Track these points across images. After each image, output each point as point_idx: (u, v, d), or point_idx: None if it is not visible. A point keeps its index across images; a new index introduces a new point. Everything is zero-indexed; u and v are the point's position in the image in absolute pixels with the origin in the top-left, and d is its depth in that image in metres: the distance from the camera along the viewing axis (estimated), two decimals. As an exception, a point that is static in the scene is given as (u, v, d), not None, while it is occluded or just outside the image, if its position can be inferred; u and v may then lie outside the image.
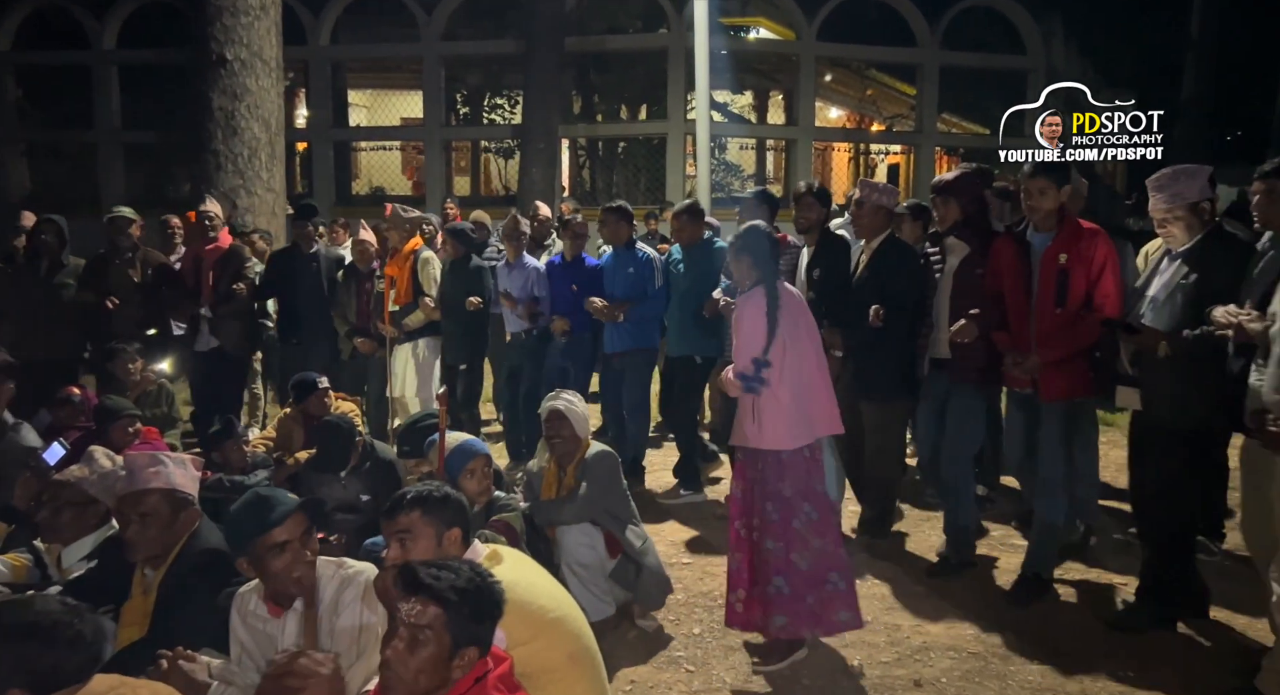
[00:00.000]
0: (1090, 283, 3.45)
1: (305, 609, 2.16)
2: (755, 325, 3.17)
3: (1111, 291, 3.45)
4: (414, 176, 16.82)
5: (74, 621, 1.74)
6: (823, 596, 3.20)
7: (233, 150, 8.09)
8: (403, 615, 1.78)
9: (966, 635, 3.48)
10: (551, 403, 3.57)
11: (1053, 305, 3.49)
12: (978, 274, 3.81)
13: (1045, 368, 3.50)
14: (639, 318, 5.26)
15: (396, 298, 5.63)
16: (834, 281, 4.38)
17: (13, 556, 2.88)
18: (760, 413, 3.17)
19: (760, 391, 3.16)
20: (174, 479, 2.61)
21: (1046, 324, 3.50)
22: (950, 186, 3.93)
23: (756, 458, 3.24)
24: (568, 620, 2.32)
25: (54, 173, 14.86)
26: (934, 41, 13.44)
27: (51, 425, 4.17)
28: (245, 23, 8.08)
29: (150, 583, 2.59)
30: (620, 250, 5.39)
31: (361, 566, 2.39)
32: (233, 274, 5.68)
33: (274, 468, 4.36)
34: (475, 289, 5.59)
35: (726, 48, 13.55)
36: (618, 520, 3.49)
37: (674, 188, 12.69)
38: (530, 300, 5.52)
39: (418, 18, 13.28)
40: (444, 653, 1.77)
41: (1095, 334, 3.47)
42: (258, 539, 2.25)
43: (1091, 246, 3.46)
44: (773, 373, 3.14)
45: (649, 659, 3.35)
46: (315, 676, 1.76)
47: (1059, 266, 3.48)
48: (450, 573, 1.83)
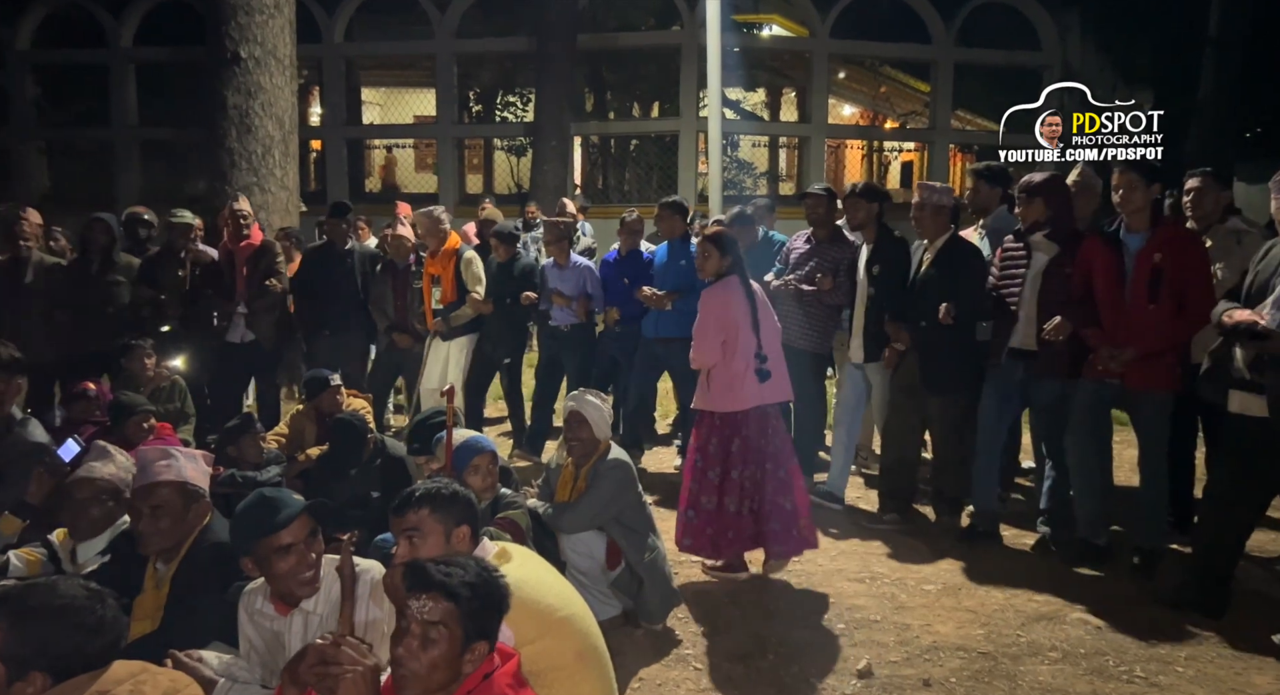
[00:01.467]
0: (1184, 282, 3.67)
1: (344, 602, 2.13)
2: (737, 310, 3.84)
3: (1206, 292, 3.66)
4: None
5: (96, 606, 1.76)
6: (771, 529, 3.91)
7: (246, 148, 8.12)
8: (414, 612, 1.78)
9: (976, 635, 3.46)
10: (573, 404, 3.56)
11: (1146, 302, 3.72)
12: (1066, 273, 3.98)
13: (1139, 360, 3.72)
14: (686, 308, 5.29)
15: (442, 296, 5.79)
16: (895, 278, 4.62)
17: (27, 551, 2.91)
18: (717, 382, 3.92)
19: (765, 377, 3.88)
20: (185, 472, 2.63)
21: (1141, 320, 3.72)
22: (1038, 188, 4.08)
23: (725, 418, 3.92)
24: (576, 618, 2.32)
25: (71, 170, 15.02)
26: (948, 38, 13.36)
27: (66, 420, 4.21)
28: (259, 21, 8.11)
29: (162, 576, 2.61)
30: (675, 243, 5.58)
31: (367, 564, 2.40)
32: (265, 269, 5.75)
33: (286, 464, 4.38)
34: (526, 285, 5.82)
35: (739, 45, 13.51)
36: (627, 529, 3.45)
37: (686, 185, 12.69)
38: (584, 297, 5.77)
39: (431, 15, 13.32)
40: (456, 648, 1.78)
41: (1189, 334, 3.74)
42: (263, 541, 2.26)
43: (1188, 249, 3.73)
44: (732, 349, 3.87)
45: (657, 657, 3.36)
46: (358, 666, 1.75)
47: (1153, 265, 3.71)
48: (459, 568, 1.84)
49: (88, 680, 1.66)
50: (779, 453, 3.95)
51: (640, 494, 3.57)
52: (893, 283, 4.60)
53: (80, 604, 1.72)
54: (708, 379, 3.95)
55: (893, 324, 4.52)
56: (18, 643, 1.65)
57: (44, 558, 2.92)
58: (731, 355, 3.85)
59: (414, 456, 3.85)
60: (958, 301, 4.26)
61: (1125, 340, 3.75)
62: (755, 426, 3.90)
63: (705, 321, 3.90)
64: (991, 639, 3.43)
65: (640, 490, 3.59)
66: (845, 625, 3.58)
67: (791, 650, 3.39)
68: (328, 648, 1.76)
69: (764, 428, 3.92)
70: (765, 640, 3.46)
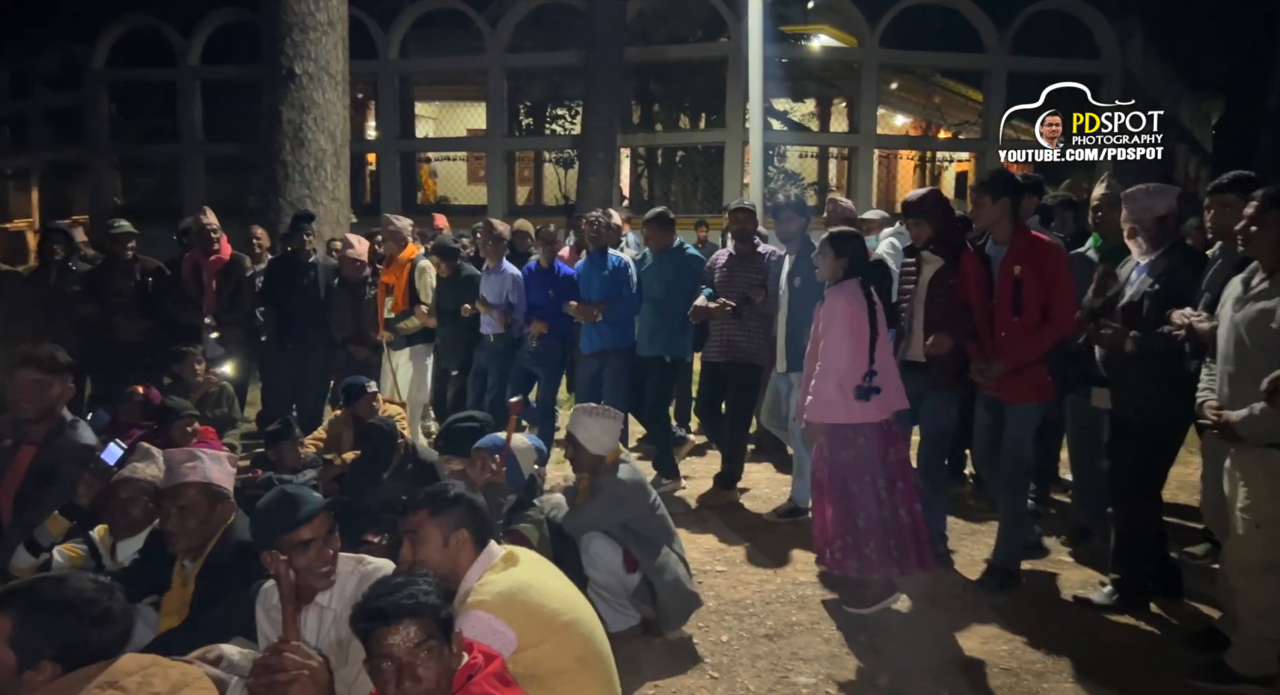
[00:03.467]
0: (1047, 294, 3.69)
1: (284, 606, 2.19)
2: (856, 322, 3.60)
3: (1068, 301, 3.70)
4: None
5: (104, 599, 1.84)
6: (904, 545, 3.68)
7: (300, 161, 8.41)
8: (398, 646, 1.78)
9: (1000, 651, 3.39)
10: (570, 426, 3.58)
11: (1010, 314, 3.74)
12: (950, 284, 4.00)
13: (1007, 374, 3.74)
14: (615, 318, 5.39)
15: (394, 304, 5.82)
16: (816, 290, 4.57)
17: (69, 547, 3.06)
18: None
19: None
20: (210, 473, 2.74)
21: (1007, 332, 3.76)
22: (919, 206, 4.07)
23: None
24: (580, 623, 2.35)
25: (142, 184, 15.71)
26: (1002, 47, 13.14)
27: (112, 422, 4.40)
28: (313, 38, 8.42)
29: (189, 574, 2.72)
30: (594, 255, 5.51)
31: (381, 563, 2.46)
32: (234, 283, 5.90)
33: (322, 468, 4.51)
34: (468, 297, 5.70)
35: (787, 56, 13.50)
36: (637, 536, 3.45)
37: (731, 196, 12.69)
38: (505, 307, 5.62)
39: (483, 31, 13.60)
40: (445, 652, 1.82)
41: (1050, 343, 3.71)
42: (284, 536, 2.35)
43: (1046, 259, 3.71)
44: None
45: (675, 665, 3.36)
46: (304, 670, 1.79)
47: (1014, 277, 3.73)
48: (406, 586, 1.85)
49: (96, 670, 1.74)
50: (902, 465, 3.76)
51: (652, 504, 3.54)
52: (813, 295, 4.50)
53: (88, 597, 1.80)
54: (832, 388, 3.64)
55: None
56: (28, 633, 1.75)
57: (85, 553, 3.07)
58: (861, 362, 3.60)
59: (441, 454, 3.94)
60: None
61: (994, 353, 3.78)
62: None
63: (838, 326, 3.62)
64: (1015, 655, 3.35)
65: (652, 500, 3.56)
66: (867, 638, 3.54)
67: (810, 661, 3.36)
68: (270, 657, 1.80)
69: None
70: (785, 650, 3.44)
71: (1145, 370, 3.49)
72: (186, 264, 6.05)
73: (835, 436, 3.66)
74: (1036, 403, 3.81)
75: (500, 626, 2.17)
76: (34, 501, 3.08)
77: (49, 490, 3.10)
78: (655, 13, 14.00)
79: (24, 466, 3.17)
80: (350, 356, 5.95)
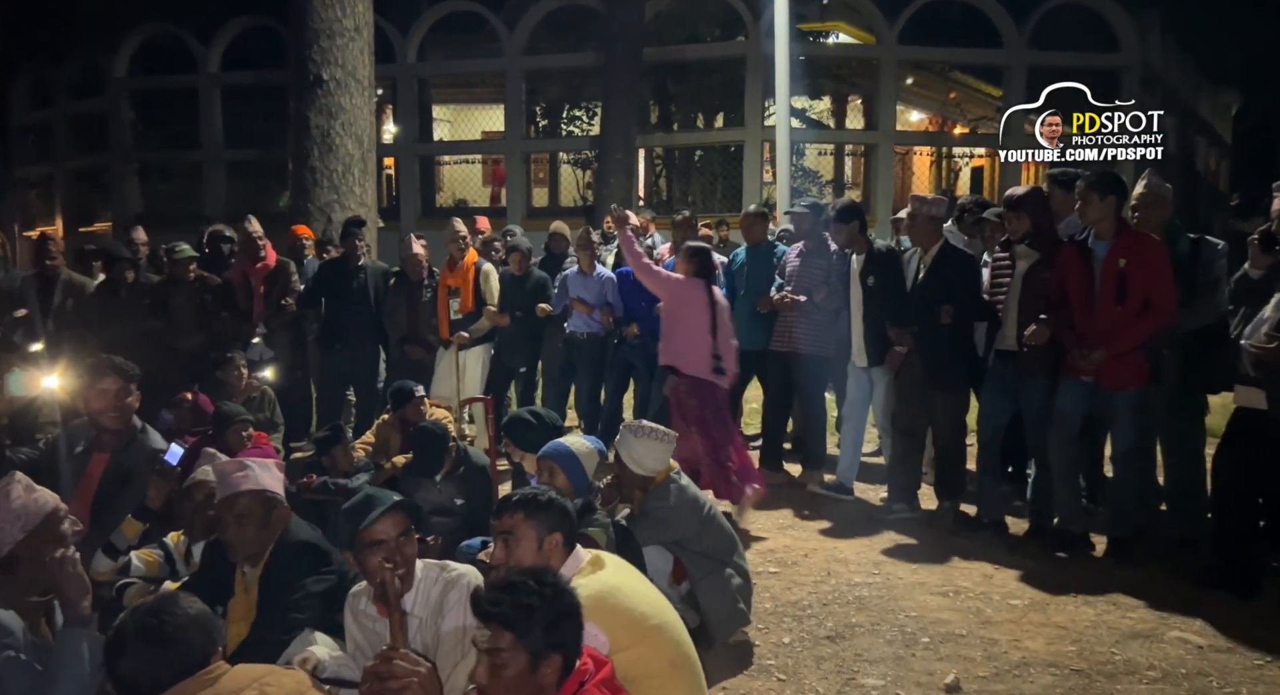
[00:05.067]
0: (1147, 284, 3.93)
1: (391, 613, 2.22)
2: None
3: (1168, 291, 3.93)
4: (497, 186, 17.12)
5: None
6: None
7: (328, 166, 8.42)
8: (479, 643, 1.83)
9: (1068, 652, 3.38)
10: (616, 444, 3.55)
11: (1113, 304, 3.98)
12: (1045, 277, 4.24)
13: (1110, 360, 3.98)
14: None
15: (460, 307, 5.96)
16: (892, 286, 4.92)
17: (145, 552, 3.09)
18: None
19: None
20: (262, 480, 2.78)
21: (1109, 321, 3.98)
22: (1021, 201, 4.36)
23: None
24: (668, 627, 2.36)
25: (163, 190, 15.78)
26: (1021, 41, 13.07)
27: (170, 427, 4.45)
28: (340, 44, 8.43)
29: (250, 580, 2.75)
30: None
31: (464, 569, 2.48)
32: (281, 289, 5.97)
33: (373, 472, 4.53)
34: (540, 297, 6.00)
35: (805, 53, 13.46)
36: (690, 552, 3.43)
37: (751, 195, 12.66)
38: (606, 306, 5.88)
39: (500, 33, 13.61)
40: (525, 668, 1.82)
41: (1151, 331, 3.96)
42: (359, 534, 2.37)
43: (1150, 253, 3.95)
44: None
45: (739, 668, 3.36)
46: (414, 677, 1.81)
47: (1118, 270, 3.97)
48: (512, 592, 1.85)
49: (196, 685, 1.78)
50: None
51: (705, 518, 3.47)
52: (890, 291, 4.90)
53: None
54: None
55: (895, 329, 4.81)
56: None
57: (161, 558, 3.10)
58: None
59: (504, 440, 3.94)
60: (955, 304, 4.57)
61: (1096, 341, 4.01)
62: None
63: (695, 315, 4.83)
64: (1085, 656, 3.35)
65: (706, 513, 3.49)
66: (930, 639, 3.54)
67: (875, 662, 3.36)
68: (380, 666, 1.82)
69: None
70: (848, 652, 3.44)
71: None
72: (235, 274, 6.11)
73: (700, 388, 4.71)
74: (1135, 387, 4.07)
75: (593, 630, 2.17)
76: (110, 506, 3.12)
77: (125, 495, 3.14)
78: (672, 12, 13.98)
79: (98, 473, 3.20)
80: (404, 356, 6.03)
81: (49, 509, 2.37)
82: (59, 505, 2.41)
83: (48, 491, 2.43)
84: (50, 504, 2.39)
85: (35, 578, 2.32)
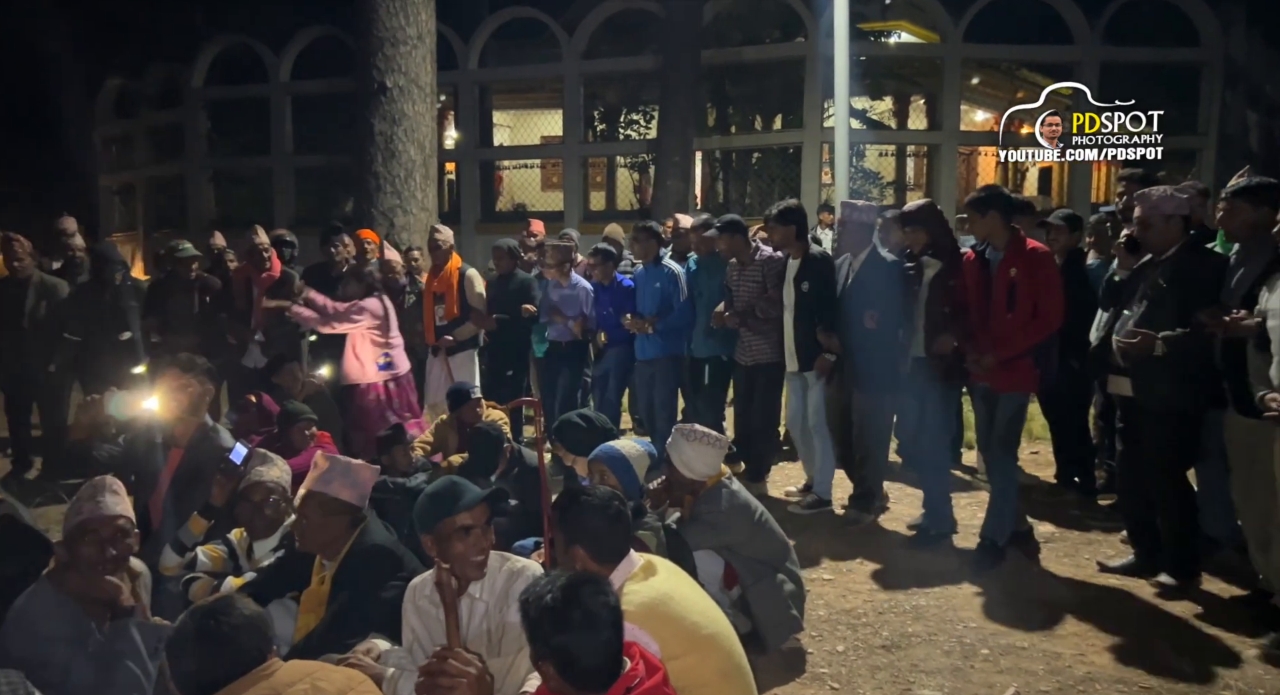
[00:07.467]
0: (1036, 293, 4.09)
1: (448, 612, 2.26)
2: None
3: (1056, 301, 4.10)
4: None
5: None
6: None
7: (391, 172, 8.62)
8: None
9: (1136, 668, 3.25)
10: (667, 446, 3.51)
11: (1004, 311, 4.16)
12: (949, 285, 4.40)
13: (1000, 365, 4.15)
14: (667, 329, 5.71)
15: (445, 313, 6.02)
16: (825, 291, 4.97)
17: (210, 548, 3.21)
18: None
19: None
20: (331, 486, 2.85)
21: (1001, 327, 4.16)
22: (915, 216, 4.56)
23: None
24: (720, 637, 2.34)
25: (235, 196, 16.36)
26: (1094, 37, 12.66)
27: (236, 428, 4.60)
28: (404, 52, 8.62)
29: (327, 573, 2.81)
30: (649, 266, 5.81)
31: (527, 562, 2.53)
32: (285, 298, 6.02)
33: (432, 471, 4.61)
34: (524, 299, 6.03)
35: (865, 53, 13.26)
36: (741, 559, 3.42)
37: (809, 196, 12.53)
38: (581, 317, 5.94)
39: (560, 38, 13.74)
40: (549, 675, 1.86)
41: (1038, 337, 4.12)
42: (446, 520, 2.40)
43: (1038, 263, 4.12)
44: None
45: (791, 676, 3.32)
46: (466, 676, 1.86)
47: (1009, 278, 4.14)
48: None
49: (250, 681, 1.84)
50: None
51: (757, 524, 3.44)
52: (823, 297, 4.92)
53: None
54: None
55: (825, 334, 4.87)
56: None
57: (225, 554, 3.21)
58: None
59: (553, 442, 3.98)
60: (879, 310, 4.63)
61: (987, 347, 4.19)
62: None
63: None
64: (1154, 673, 3.22)
65: (758, 519, 3.45)
66: (990, 650, 3.44)
67: (932, 673, 3.28)
68: (435, 664, 1.87)
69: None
70: (904, 662, 3.37)
71: (1169, 364, 3.71)
72: (238, 278, 6.29)
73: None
74: (1024, 392, 4.32)
75: (644, 637, 2.17)
76: (180, 502, 3.24)
77: (193, 491, 3.25)
78: (731, 14, 13.91)
79: (172, 469, 3.32)
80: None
81: (93, 516, 2.54)
82: (113, 516, 2.56)
83: (120, 503, 2.58)
84: (99, 513, 2.55)
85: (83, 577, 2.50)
